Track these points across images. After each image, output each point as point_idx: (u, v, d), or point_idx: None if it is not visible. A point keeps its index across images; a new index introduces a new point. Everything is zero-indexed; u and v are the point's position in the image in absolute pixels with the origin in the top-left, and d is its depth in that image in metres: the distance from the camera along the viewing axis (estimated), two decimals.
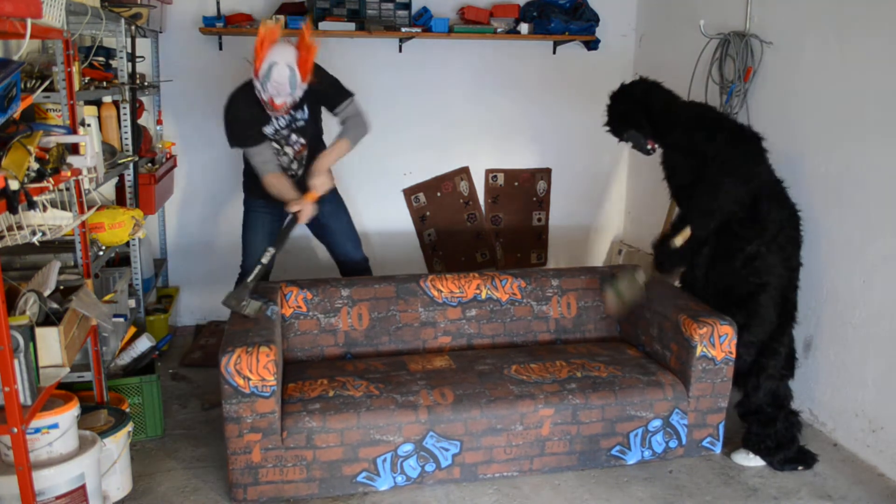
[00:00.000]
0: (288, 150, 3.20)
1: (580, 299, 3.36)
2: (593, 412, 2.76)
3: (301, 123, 3.17)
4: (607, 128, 3.16)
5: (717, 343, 2.80)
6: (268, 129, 3.11)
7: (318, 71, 3.10)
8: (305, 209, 3.05)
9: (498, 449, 2.71)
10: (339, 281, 3.21)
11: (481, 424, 2.67)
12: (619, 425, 2.80)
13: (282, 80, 2.86)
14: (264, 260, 2.96)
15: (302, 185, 3.15)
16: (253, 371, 2.46)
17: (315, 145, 3.25)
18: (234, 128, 3.10)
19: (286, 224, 3.10)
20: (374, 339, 3.17)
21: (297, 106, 3.10)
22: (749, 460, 2.91)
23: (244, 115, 3.06)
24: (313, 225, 3.45)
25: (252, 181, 3.28)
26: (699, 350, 2.79)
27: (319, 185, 3.09)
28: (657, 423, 2.84)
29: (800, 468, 2.87)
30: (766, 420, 2.88)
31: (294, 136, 3.18)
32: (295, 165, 3.24)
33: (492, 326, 3.27)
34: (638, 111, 3.02)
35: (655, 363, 3.01)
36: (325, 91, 3.15)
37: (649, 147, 3.10)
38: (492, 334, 3.27)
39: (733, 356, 2.84)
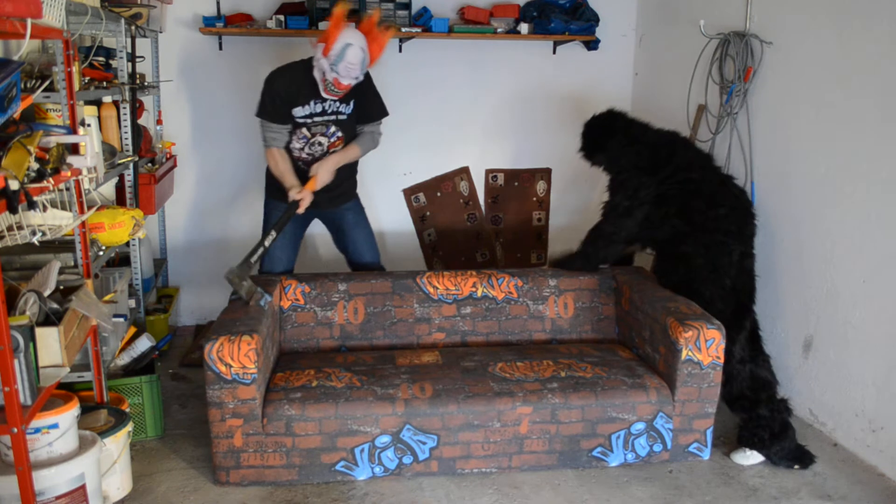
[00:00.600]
0: (322, 139, 3.23)
1: (577, 300, 3.36)
2: (573, 412, 2.76)
3: (344, 117, 3.23)
4: (581, 153, 3.50)
5: (703, 347, 2.78)
6: (298, 111, 3.15)
7: (370, 80, 3.26)
8: (306, 198, 3.11)
9: (475, 445, 2.73)
10: (337, 275, 3.25)
11: (458, 420, 2.69)
12: (599, 426, 2.80)
13: (355, 60, 2.97)
14: (266, 242, 3.02)
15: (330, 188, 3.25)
16: (234, 359, 2.53)
17: (348, 143, 3.31)
18: (270, 98, 3.14)
19: (286, 210, 3.13)
20: (368, 333, 3.21)
21: (345, 98, 3.18)
22: (748, 458, 2.91)
23: (283, 90, 3.13)
24: (335, 232, 3.51)
25: (275, 184, 3.31)
26: (684, 354, 2.77)
27: (322, 176, 3.14)
28: (640, 425, 2.83)
29: (796, 467, 2.88)
30: (750, 404, 2.93)
31: (334, 128, 3.23)
32: (319, 156, 3.27)
33: (486, 324, 3.29)
34: (606, 139, 3.33)
35: (645, 366, 3.00)
36: (371, 100, 3.27)
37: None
38: (486, 332, 3.28)
39: (721, 361, 2.82)
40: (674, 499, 2.69)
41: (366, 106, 3.27)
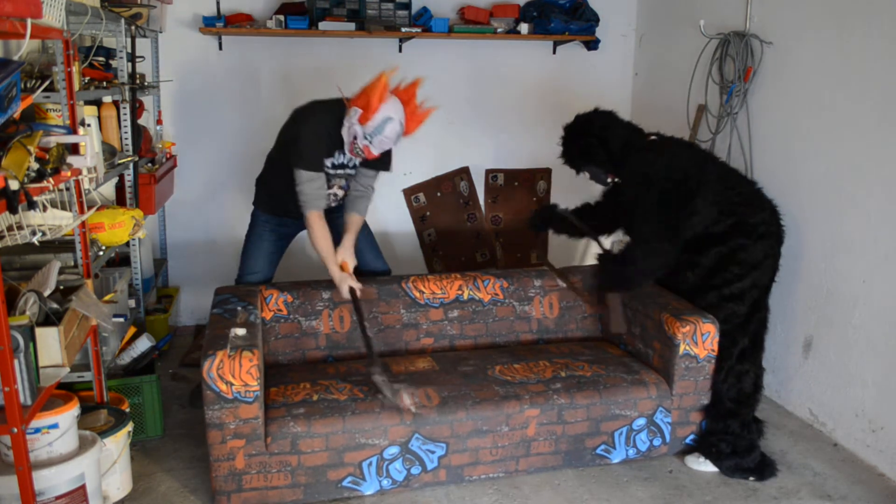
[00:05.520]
0: (338, 190, 3.10)
1: (562, 299, 3.36)
2: (578, 412, 2.76)
3: (353, 172, 3.10)
4: (563, 160, 3.13)
5: (699, 341, 2.81)
6: (327, 161, 2.98)
7: None
8: (352, 284, 2.96)
9: (484, 450, 2.70)
10: (320, 283, 3.16)
11: (467, 426, 2.65)
12: (604, 424, 2.80)
13: (392, 136, 2.82)
14: (369, 333, 2.93)
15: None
16: (236, 376, 2.41)
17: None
18: (310, 145, 2.90)
19: (355, 304, 2.97)
20: (355, 342, 3.12)
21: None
22: (699, 464, 2.87)
23: (322, 138, 2.91)
24: (336, 239, 3.35)
25: (266, 195, 3.20)
26: (682, 348, 2.80)
27: (351, 260, 3.02)
28: (641, 421, 2.84)
29: (751, 479, 2.80)
30: (726, 413, 2.84)
31: (346, 182, 3.11)
32: (333, 203, 3.14)
33: (474, 327, 3.26)
34: (597, 145, 2.98)
35: (638, 362, 3.01)
36: (388, 153, 3.08)
37: (609, 180, 3.08)
38: (474, 335, 3.26)
39: (715, 354, 2.85)
40: (674, 499, 2.69)
41: (381, 158, 3.04)
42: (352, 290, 2.97)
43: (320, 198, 2.94)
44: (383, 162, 3.11)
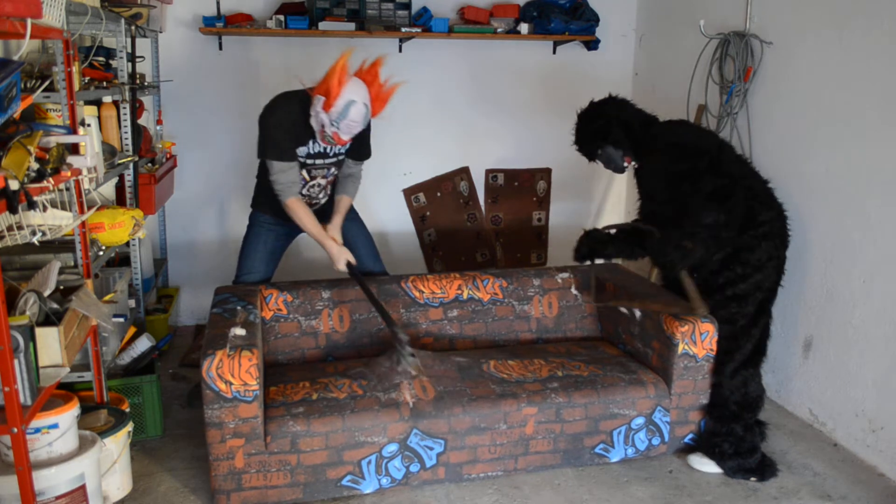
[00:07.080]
0: (322, 181, 3.15)
1: (561, 299, 3.36)
2: (577, 410, 2.76)
3: (341, 157, 3.14)
4: (577, 146, 3.08)
5: (698, 340, 2.81)
6: (300, 150, 3.00)
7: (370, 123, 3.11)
8: (349, 255, 3.07)
9: (482, 448, 2.70)
10: (320, 283, 3.18)
11: (464, 423, 2.65)
12: (602, 423, 2.80)
13: (358, 118, 2.84)
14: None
15: (322, 215, 3.15)
16: (235, 375, 2.42)
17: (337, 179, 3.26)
18: (276, 136, 2.93)
19: (358, 278, 3.05)
20: (355, 342, 3.13)
21: None
22: (703, 464, 2.86)
23: (288, 128, 2.93)
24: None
25: (264, 195, 3.21)
26: (681, 348, 2.80)
27: (339, 238, 3.10)
28: (640, 420, 2.84)
29: (752, 479, 2.80)
30: (730, 417, 2.83)
31: (332, 169, 3.14)
32: (322, 196, 3.21)
33: (473, 327, 3.26)
34: (615, 126, 2.94)
35: (636, 362, 3.01)
36: (366, 141, 3.17)
37: (625, 164, 3.04)
38: (473, 335, 3.26)
39: (714, 353, 2.84)
40: (674, 499, 2.69)
41: (360, 147, 3.16)
42: (349, 264, 3.05)
43: (294, 184, 3.01)
44: (360, 150, 3.18)
